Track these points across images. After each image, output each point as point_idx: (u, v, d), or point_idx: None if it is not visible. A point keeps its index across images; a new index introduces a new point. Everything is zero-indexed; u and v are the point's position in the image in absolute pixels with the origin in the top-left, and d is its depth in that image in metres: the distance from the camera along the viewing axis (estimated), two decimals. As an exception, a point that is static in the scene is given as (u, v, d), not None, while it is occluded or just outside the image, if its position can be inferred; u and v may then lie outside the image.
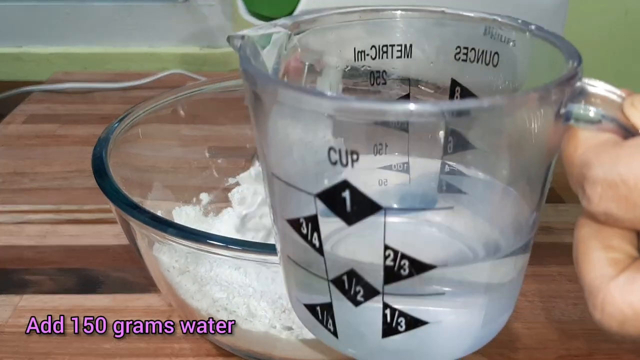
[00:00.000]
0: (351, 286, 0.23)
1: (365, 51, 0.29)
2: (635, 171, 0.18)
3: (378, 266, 0.22)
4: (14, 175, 0.70)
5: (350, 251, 0.24)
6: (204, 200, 0.58)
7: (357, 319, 0.24)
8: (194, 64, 1.08)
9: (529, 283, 0.52)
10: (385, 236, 0.22)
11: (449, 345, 0.25)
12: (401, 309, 0.23)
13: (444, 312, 0.24)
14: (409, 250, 0.22)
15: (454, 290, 0.24)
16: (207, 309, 0.41)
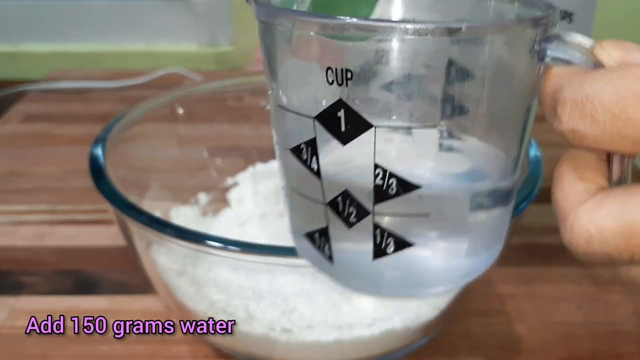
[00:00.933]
0: (345, 208, 0.25)
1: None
2: (600, 91, 0.20)
3: (369, 185, 0.24)
4: (9, 175, 0.69)
5: (345, 172, 0.26)
6: (202, 201, 0.57)
7: (350, 240, 0.26)
8: (191, 62, 1.07)
9: (532, 285, 0.52)
10: (375, 154, 0.23)
11: (436, 273, 0.27)
12: (389, 229, 0.25)
13: (429, 235, 0.26)
14: (398, 169, 0.24)
15: (438, 212, 0.25)
16: (206, 310, 0.40)
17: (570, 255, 0.52)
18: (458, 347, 0.45)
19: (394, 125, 0.24)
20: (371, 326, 0.39)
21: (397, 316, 0.40)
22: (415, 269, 0.26)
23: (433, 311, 0.41)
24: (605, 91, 0.20)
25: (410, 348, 0.43)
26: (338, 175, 0.26)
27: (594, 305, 0.49)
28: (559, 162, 0.25)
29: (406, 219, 0.25)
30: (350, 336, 0.39)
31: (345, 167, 0.26)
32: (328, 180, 0.25)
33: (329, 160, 0.25)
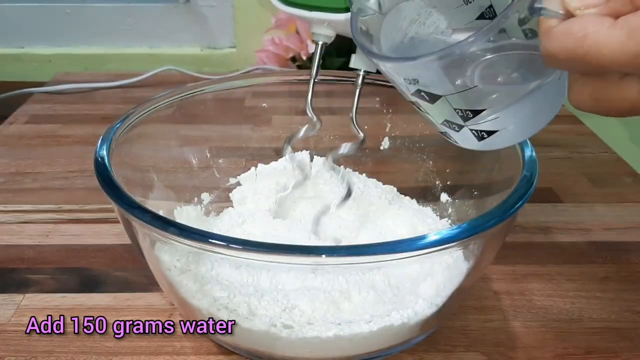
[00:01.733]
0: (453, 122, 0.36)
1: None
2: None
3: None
4: (15, 175, 0.70)
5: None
6: (205, 200, 0.58)
7: (461, 137, 0.37)
8: (194, 65, 1.08)
9: (527, 282, 0.52)
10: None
11: (516, 135, 0.37)
12: (479, 129, 0.36)
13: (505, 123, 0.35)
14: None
15: (505, 117, 0.35)
16: (208, 308, 0.41)
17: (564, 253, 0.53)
18: (455, 343, 0.46)
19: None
20: (370, 322, 0.40)
21: (395, 313, 0.40)
22: (502, 138, 0.36)
23: (430, 308, 0.41)
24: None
25: (408, 344, 0.44)
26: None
27: (588, 302, 0.50)
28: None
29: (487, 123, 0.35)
30: (350, 332, 0.40)
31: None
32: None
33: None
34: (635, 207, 0.64)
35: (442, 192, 0.57)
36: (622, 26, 0.25)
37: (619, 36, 0.25)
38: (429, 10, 0.37)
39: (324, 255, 0.34)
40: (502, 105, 0.34)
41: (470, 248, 0.41)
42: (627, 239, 0.59)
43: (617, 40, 0.25)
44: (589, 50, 0.25)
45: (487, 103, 0.34)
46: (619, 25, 0.25)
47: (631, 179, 0.70)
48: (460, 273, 0.42)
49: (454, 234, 0.35)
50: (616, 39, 0.25)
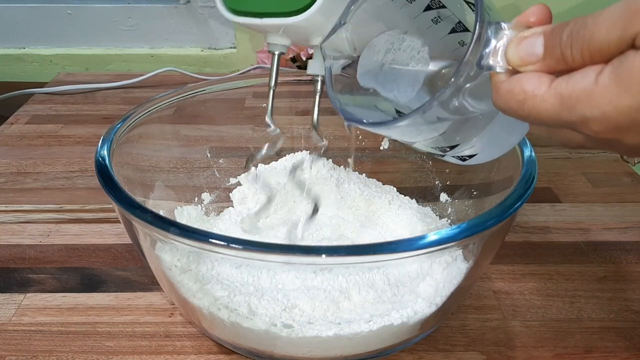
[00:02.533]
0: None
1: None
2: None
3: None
4: (16, 175, 0.70)
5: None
6: (205, 200, 0.58)
7: (448, 159, 0.39)
8: (195, 66, 1.08)
9: (526, 282, 0.52)
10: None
11: (497, 151, 0.40)
12: (460, 155, 0.38)
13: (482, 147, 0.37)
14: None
15: (479, 142, 0.37)
16: (209, 307, 0.41)
17: (562, 252, 0.54)
18: (454, 342, 0.46)
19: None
20: (370, 322, 0.40)
21: (395, 312, 0.41)
22: (484, 156, 0.38)
23: (430, 307, 0.41)
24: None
25: (407, 343, 0.44)
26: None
27: (587, 301, 0.50)
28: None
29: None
30: (350, 332, 0.40)
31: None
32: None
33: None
34: (634, 207, 0.64)
35: (442, 192, 0.57)
36: (554, 93, 0.26)
37: (553, 103, 0.26)
38: (401, 37, 0.38)
39: (324, 255, 0.34)
40: (473, 135, 0.36)
41: (469, 248, 0.41)
42: (626, 238, 0.59)
43: (552, 107, 0.26)
44: (529, 113, 0.27)
45: (459, 138, 0.36)
46: (552, 91, 0.26)
47: (630, 179, 0.70)
48: (460, 273, 0.43)
49: (453, 233, 0.35)
50: (550, 106, 0.26)
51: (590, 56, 0.25)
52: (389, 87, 0.38)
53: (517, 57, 0.28)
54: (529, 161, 0.42)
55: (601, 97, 0.25)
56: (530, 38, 0.27)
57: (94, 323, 0.48)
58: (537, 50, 0.27)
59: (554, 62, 0.26)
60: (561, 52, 0.26)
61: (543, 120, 0.27)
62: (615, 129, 0.25)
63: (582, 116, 0.25)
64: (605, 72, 0.25)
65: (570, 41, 0.26)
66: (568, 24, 0.26)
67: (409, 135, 0.36)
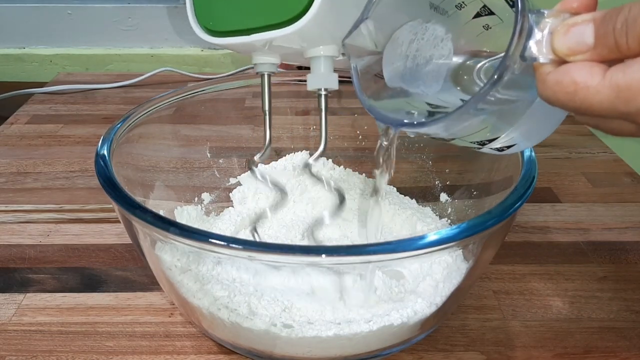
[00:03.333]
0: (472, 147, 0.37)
1: None
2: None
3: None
4: (16, 175, 0.70)
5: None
6: (205, 200, 0.58)
7: (484, 151, 0.38)
8: (195, 65, 1.08)
9: (526, 282, 0.52)
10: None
11: (534, 139, 0.38)
12: (497, 147, 0.36)
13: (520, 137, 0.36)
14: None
15: (518, 133, 0.35)
16: (209, 307, 0.41)
17: (562, 252, 0.54)
18: (454, 342, 0.46)
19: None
20: (370, 322, 0.40)
21: (395, 312, 0.41)
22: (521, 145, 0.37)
23: (430, 307, 0.41)
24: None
25: (407, 343, 0.44)
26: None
27: (587, 301, 0.50)
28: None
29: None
30: (349, 332, 0.40)
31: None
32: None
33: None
34: (634, 207, 0.64)
35: (442, 192, 0.57)
36: (610, 84, 0.25)
37: (608, 95, 0.25)
38: (424, 26, 0.38)
39: (323, 255, 0.34)
40: (511, 125, 0.35)
41: (469, 248, 0.41)
42: (626, 238, 0.59)
43: (606, 99, 0.25)
44: (581, 105, 0.26)
45: (497, 131, 0.35)
46: (607, 82, 0.25)
47: (630, 179, 0.70)
48: (460, 273, 0.43)
49: (453, 233, 0.35)
50: (605, 97, 0.25)
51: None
52: (415, 84, 0.37)
53: (565, 47, 0.26)
54: (529, 161, 0.42)
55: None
56: (579, 26, 0.26)
57: (94, 323, 0.48)
58: (587, 39, 0.26)
59: (607, 51, 0.25)
60: (615, 41, 0.25)
61: (595, 112, 0.26)
62: None
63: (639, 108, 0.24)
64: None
65: (627, 28, 0.24)
66: (622, 10, 0.25)
67: (448, 132, 0.35)
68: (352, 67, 0.37)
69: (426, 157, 0.59)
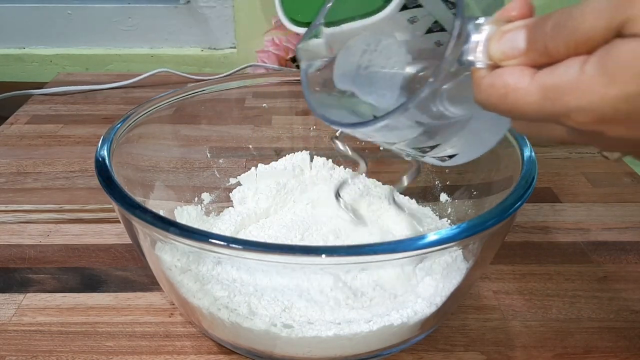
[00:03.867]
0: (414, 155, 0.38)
1: None
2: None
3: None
4: (16, 175, 0.70)
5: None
6: (205, 200, 0.58)
7: (427, 160, 0.39)
8: (195, 65, 1.08)
9: (526, 282, 0.52)
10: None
11: (478, 150, 0.38)
12: (439, 156, 0.37)
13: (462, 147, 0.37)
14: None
15: (459, 143, 0.36)
16: (209, 307, 0.41)
17: (562, 252, 0.53)
18: (454, 342, 0.46)
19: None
20: (370, 322, 0.40)
21: (394, 312, 0.41)
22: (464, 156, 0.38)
23: (430, 307, 0.41)
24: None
25: (407, 343, 0.44)
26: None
27: (587, 302, 0.50)
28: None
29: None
30: (349, 332, 0.40)
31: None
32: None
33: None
34: (634, 207, 0.64)
35: (442, 192, 0.57)
36: (537, 85, 0.26)
37: (536, 96, 0.26)
38: (377, 38, 0.38)
39: (323, 255, 0.34)
40: (453, 134, 0.35)
41: (469, 248, 0.41)
42: (626, 238, 0.59)
43: (534, 100, 0.26)
44: (512, 107, 0.27)
45: (439, 138, 0.35)
46: (535, 83, 0.26)
47: (630, 179, 0.70)
48: (460, 273, 0.43)
49: (453, 233, 0.35)
50: (533, 99, 0.26)
51: (575, 47, 0.25)
52: (366, 90, 0.37)
53: (499, 52, 0.27)
54: (529, 161, 0.42)
55: (587, 87, 0.24)
56: (513, 32, 0.27)
57: (94, 323, 0.48)
58: (520, 44, 0.27)
59: (537, 55, 0.26)
60: (545, 45, 0.26)
61: (526, 114, 0.27)
62: (600, 120, 0.25)
63: (566, 107, 0.25)
64: (591, 62, 0.24)
65: (555, 33, 0.25)
66: (551, 16, 0.26)
67: (388, 137, 0.36)
68: (301, 70, 0.38)
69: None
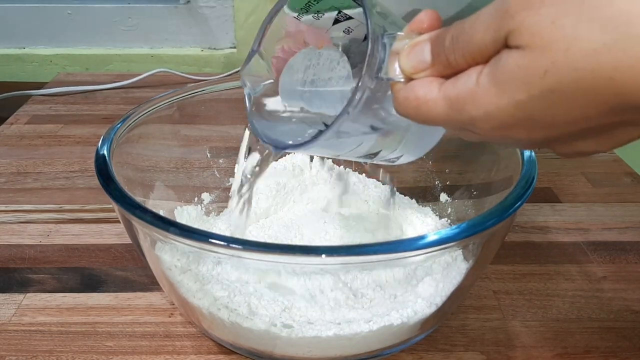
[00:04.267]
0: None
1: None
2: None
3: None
4: (16, 175, 0.70)
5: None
6: (205, 200, 0.58)
7: (378, 162, 0.39)
8: (195, 65, 1.08)
9: (526, 282, 0.52)
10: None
11: (423, 149, 0.40)
12: (387, 159, 0.38)
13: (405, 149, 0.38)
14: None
15: (401, 147, 0.37)
16: (209, 307, 0.41)
17: (562, 252, 0.53)
18: (454, 342, 0.46)
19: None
20: (370, 322, 0.40)
21: (394, 312, 0.41)
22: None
23: (430, 307, 0.41)
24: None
25: (407, 343, 0.44)
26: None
27: (587, 302, 0.50)
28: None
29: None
30: (349, 332, 0.40)
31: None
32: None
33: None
34: (634, 207, 0.64)
35: (442, 192, 0.57)
36: (443, 97, 0.27)
37: (442, 107, 0.27)
38: (317, 52, 0.38)
39: (323, 255, 0.34)
40: (393, 140, 0.36)
41: (469, 248, 0.41)
42: (626, 238, 0.59)
43: (442, 110, 0.27)
44: (425, 118, 0.28)
45: (379, 146, 0.36)
46: (441, 94, 0.27)
47: (630, 179, 0.70)
48: (460, 273, 0.43)
49: (453, 233, 0.35)
50: (441, 109, 0.27)
51: (472, 59, 0.26)
52: (317, 104, 0.38)
53: (408, 66, 0.28)
54: (529, 161, 0.42)
55: (482, 98, 0.25)
56: (419, 46, 0.28)
57: (94, 323, 0.48)
58: (426, 57, 0.28)
59: (442, 67, 0.27)
60: (446, 57, 0.27)
61: (438, 123, 0.28)
62: (501, 127, 0.26)
63: (469, 117, 0.26)
64: (484, 73, 0.25)
65: (453, 46, 0.26)
66: (449, 30, 0.27)
67: (331, 151, 0.37)
68: (245, 95, 0.39)
69: (426, 157, 0.59)
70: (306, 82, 0.38)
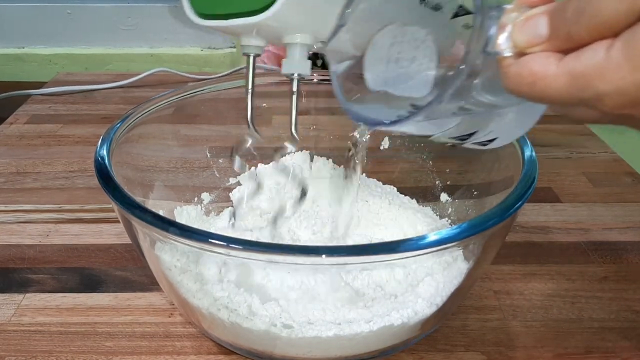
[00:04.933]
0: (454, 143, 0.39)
1: None
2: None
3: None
4: (16, 174, 0.70)
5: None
6: (205, 200, 0.58)
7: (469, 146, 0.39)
8: (195, 65, 1.08)
9: (527, 282, 0.52)
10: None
11: (517, 131, 0.40)
12: (479, 141, 0.38)
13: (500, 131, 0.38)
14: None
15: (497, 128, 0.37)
16: (208, 307, 0.41)
17: (563, 252, 0.53)
18: (455, 342, 0.46)
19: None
20: (370, 322, 0.40)
21: (395, 312, 0.41)
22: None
23: (430, 307, 0.41)
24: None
25: (408, 344, 0.44)
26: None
27: (588, 302, 0.50)
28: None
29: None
30: (350, 332, 0.40)
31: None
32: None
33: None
34: (635, 207, 0.64)
35: (442, 192, 0.57)
36: (565, 72, 0.26)
37: (563, 83, 0.26)
38: (403, 29, 0.38)
39: (323, 255, 0.34)
40: (490, 120, 0.35)
41: (470, 248, 0.41)
42: (627, 238, 0.59)
43: (562, 86, 0.26)
44: (541, 94, 0.27)
45: (476, 126, 0.36)
46: (562, 70, 0.26)
47: (630, 179, 0.70)
48: (460, 273, 0.42)
49: (453, 233, 0.35)
50: (562, 85, 0.26)
51: (598, 32, 0.25)
52: (400, 88, 0.38)
53: (522, 39, 0.27)
54: (530, 161, 0.42)
55: (614, 73, 0.24)
56: (534, 19, 0.27)
57: (93, 323, 0.47)
58: (542, 31, 0.27)
59: (561, 41, 0.26)
60: (567, 30, 0.26)
61: (555, 100, 0.27)
62: (631, 104, 0.25)
63: (595, 93, 0.25)
64: (615, 47, 0.24)
65: (576, 18, 0.25)
66: (571, 2, 0.25)
67: (426, 129, 0.36)
68: (331, 72, 0.38)
69: (426, 157, 0.59)
70: (390, 60, 0.38)
